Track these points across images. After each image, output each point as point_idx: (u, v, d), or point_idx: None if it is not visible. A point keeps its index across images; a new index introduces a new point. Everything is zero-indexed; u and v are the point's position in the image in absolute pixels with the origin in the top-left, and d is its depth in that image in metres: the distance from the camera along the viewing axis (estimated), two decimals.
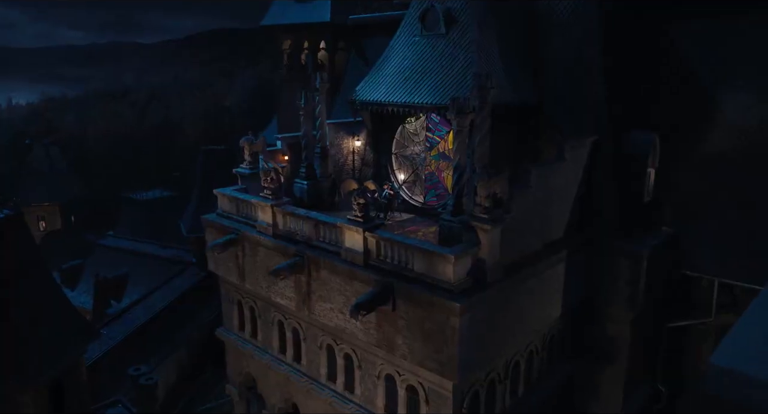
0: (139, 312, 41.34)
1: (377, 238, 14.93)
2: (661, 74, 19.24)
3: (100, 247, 59.13)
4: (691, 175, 18.71)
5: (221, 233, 19.63)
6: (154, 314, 40.09)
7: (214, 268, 20.87)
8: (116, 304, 51.45)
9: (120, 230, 64.95)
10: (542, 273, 15.80)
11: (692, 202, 18.56)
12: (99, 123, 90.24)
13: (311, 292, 16.82)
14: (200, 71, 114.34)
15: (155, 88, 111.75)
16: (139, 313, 40.92)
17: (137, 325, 38.44)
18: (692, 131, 18.85)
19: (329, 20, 36.35)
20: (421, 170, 21.42)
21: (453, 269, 13.35)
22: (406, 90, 19.59)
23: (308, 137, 21.18)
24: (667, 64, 19.16)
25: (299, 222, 17.40)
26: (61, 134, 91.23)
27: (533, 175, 15.42)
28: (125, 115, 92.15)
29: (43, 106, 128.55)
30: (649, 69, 19.24)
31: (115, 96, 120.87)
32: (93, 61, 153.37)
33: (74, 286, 56.63)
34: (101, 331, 35.92)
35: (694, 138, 18.81)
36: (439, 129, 20.37)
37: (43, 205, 60.90)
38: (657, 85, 19.14)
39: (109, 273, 54.61)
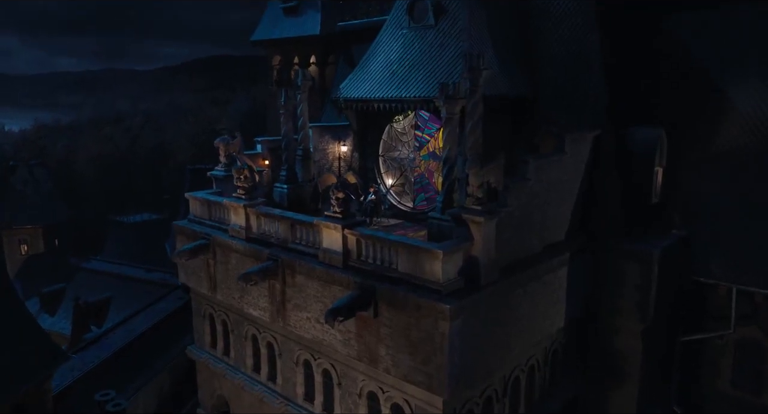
0: (118, 336, 39.10)
1: (358, 235, 13.32)
2: (664, 67, 17.96)
3: (84, 270, 57.11)
4: (701, 174, 17.23)
5: (192, 239, 17.99)
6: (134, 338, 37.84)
7: (185, 279, 19.15)
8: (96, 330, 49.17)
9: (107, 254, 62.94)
10: (543, 277, 14.15)
11: (703, 202, 17.03)
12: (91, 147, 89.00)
13: (286, 300, 15.10)
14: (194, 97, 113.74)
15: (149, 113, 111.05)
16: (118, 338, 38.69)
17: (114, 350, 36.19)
18: (701, 127, 17.46)
19: (319, 33, 35.43)
20: (410, 172, 19.92)
21: (442, 267, 11.71)
22: (394, 84, 18.24)
23: (288, 138, 19.70)
24: (669, 57, 17.90)
25: (274, 223, 15.80)
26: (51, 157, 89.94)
27: (531, 167, 13.91)
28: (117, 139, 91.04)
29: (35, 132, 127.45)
30: (651, 62, 17.97)
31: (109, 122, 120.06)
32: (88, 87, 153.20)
33: (54, 311, 54.37)
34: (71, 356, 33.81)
35: (703, 134, 17.40)
36: (429, 126, 18.95)
37: (25, 228, 58.86)
38: (660, 78, 17.85)
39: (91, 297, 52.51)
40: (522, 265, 13.73)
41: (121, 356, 36.02)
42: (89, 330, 48.42)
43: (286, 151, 19.72)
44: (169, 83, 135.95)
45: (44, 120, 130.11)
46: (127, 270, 55.34)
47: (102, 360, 35.53)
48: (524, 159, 13.86)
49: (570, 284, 15.20)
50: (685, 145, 17.34)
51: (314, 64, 36.63)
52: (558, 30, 17.92)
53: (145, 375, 35.93)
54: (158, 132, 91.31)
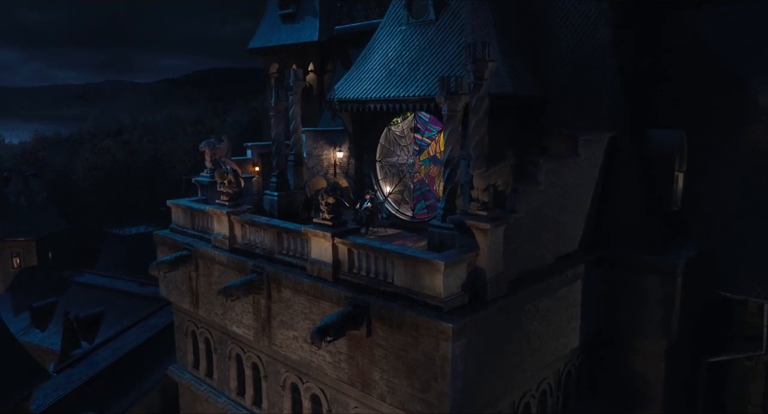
0: (107, 353, 37.61)
1: (349, 245, 11.94)
2: (683, 65, 16.67)
3: (76, 284, 55.64)
4: (725, 179, 15.86)
5: (173, 250, 16.64)
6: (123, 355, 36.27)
7: (166, 294, 17.76)
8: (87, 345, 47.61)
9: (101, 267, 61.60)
10: (556, 291, 12.72)
11: (728, 210, 15.64)
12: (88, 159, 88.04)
13: (272, 317, 13.69)
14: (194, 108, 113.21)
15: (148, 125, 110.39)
16: (107, 354, 37.18)
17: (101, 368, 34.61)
18: (724, 129, 16.13)
19: (317, 40, 34.50)
20: (409, 179, 18.58)
21: (443, 281, 10.31)
22: (391, 84, 16.98)
23: (279, 142, 18.41)
24: (688, 54, 16.62)
25: (260, 232, 14.44)
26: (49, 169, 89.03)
27: (543, 170, 12.57)
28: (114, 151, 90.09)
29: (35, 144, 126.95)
30: (669, 59, 16.69)
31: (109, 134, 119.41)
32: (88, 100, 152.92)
33: (45, 326, 52.78)
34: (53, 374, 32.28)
35: (727, 136, 16.07)
36: (429, 129, 17.66)
37: (18, 240, 57.58)
38: (678, 77, 16.54)
39: (83, 312, 51.06)
40: (533, 278, 12.33)
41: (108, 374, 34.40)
42: (80, 346, 46.89)
43: (277, 156, 18.42)
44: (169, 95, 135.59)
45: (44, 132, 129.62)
46: (121, 284, 53.91)
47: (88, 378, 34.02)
48: (534, 161, 12.51)
49: (585, 300, 13.76)
50: (707, 148, 15.98)
51: (312, 71, 35.65)
52: (568, 26, 16.67)
53: (134, 394, 34.25)
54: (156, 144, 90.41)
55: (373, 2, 28.18)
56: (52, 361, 49.84)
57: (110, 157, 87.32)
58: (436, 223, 13.26)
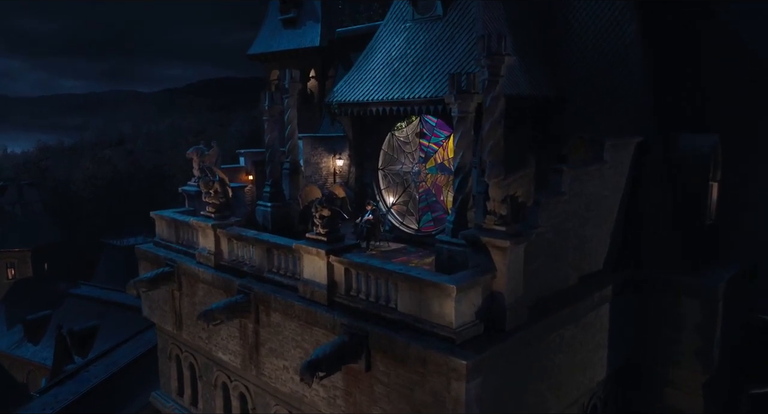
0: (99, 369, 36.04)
1: (347, 264, 10.43)
2: (718, 63, 15.16)
3: (72, 296, 54.18)
4: (764, 189, 14.30)
5: (156, 266, 15.17)
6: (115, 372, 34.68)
7: (149, 313, 16.27)
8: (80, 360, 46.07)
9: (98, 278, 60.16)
10: (582, 318, 11.15)
11: None
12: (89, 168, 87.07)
13: (260, 343, 12.16)
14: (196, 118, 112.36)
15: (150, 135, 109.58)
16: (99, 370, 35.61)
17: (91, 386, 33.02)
18: (762, 133, 14.59)
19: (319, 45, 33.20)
20: (414, 188, 17.09)
21: (455, 308, 8.78)
22: (395, 85, 15.56)
23: (273, 149, 16.99)
24: (724, 51, 15.12)
25: (248, 247, 12.96)
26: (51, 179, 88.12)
27: (566, 178, 11.05)
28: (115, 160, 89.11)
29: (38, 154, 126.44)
30: (703, 57, 15.20)
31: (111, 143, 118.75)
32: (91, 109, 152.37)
33: (38, 340, 51.32)
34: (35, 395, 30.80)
35: (766, 142, 14.53)
36: (436, 134, 16.20)
37: (12, 251, 56.24)
38: (713, 76, 15.04)
39: (77, 325, 49.61)
40: (556, 302, 10.78)
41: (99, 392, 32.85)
42: (72, 361, 45.38)
43: (271, 163, 17.00)
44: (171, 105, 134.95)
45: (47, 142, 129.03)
46: (117, 296, 52.35)
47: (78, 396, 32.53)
48: (557, 168, 11.00)
49: (613, 326, 12.18)
50: (743, 154, 14.44)
51: (314, 77, 34.37)
52: (590, 20, 15.24)
53: None
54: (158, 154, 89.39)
55: (376, 3, 26.93)
56: (44, 376, 48.37)
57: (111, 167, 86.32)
58: (444, 238, 11.78)
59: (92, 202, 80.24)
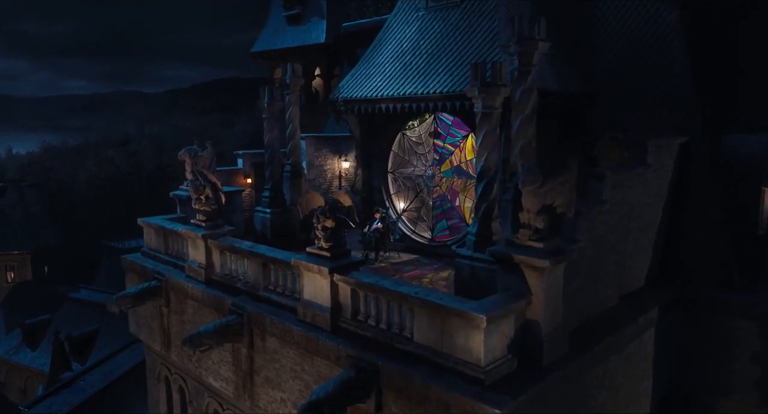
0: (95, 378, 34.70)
1: (353, 284, 8.94)
2: None
3: (71, 300, 52.92)
4: None
5: (143, 279, 13.76)
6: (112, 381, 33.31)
7: (136, 330, 14.86)
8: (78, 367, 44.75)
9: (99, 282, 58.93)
10: (626, 346, 9.62)
11: None
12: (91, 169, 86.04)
13: (254, 371, 10.69)
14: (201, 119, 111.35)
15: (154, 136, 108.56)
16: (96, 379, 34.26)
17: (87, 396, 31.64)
18: None
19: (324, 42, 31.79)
20: (427, 194, 15.60)
21: (484, 342, 7.28)
22: (407, 79, 14.08)
23: (273, 150, 15.58)
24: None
25: (242, 261, 11.50)
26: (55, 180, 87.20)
27: (608, 184, 9.54)
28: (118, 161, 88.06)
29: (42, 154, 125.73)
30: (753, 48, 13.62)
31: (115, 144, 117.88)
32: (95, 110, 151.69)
33: (36, 345, 50.05)
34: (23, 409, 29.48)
35: None
36: (453, 133, 14.70)
37: (12, 254, 55.06)
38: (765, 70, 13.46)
39: (77, 330, 48.30)
40: (596, 328, 9.26)
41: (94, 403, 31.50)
42: (70, 368, 44.07)
43: (270, 166, 15.58)
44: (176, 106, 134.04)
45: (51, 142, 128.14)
46: None
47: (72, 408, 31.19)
48: (598, 173, 9.48)
49: (658, 353, 10.65)
50: None
51: (319, 76, 33.01)
52: (624, 7, 13.70)
53: None
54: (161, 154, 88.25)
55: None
56: (41, 383, 47.10)
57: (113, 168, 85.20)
58: (466, 252, 10.28)
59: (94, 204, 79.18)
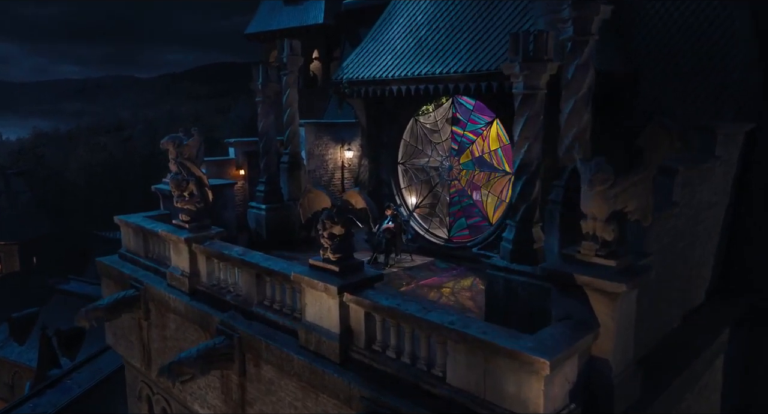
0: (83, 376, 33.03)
1: (369, 306, 7.19)
2: None
3: (61, 293, 51.19)
4: None
5: (120, 287, 12.02)
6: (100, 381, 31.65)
7: (113, 342, 13.16)
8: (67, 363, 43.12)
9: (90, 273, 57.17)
10: (700, 378, 7.92)
11: None
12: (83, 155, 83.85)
13: (246, 402, 8.99)
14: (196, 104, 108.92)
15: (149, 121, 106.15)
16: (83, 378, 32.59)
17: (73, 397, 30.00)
18: None
19: (323, 22, 29.83)
20: (443, 188, 13.83)
21: (544, 391, 5.55)
22: (421, 57, 12.24)
23: (269, 138, 13.78)
24: None
25: (232, 270, 9.75)
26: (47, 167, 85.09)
27: (679, 182, 7.78)
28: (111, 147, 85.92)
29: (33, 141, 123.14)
30: None
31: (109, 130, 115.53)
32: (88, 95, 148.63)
33: (24, 340, 48.36)
34: None
35: None
36: (474, 120, 12.89)
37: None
38: None
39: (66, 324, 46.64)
40: (665, 359, 7.55)
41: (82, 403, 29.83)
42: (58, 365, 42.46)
43: (266, 156, 13.78)
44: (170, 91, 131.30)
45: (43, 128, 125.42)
46: None
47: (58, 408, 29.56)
48: (669, 167, 7.70)
49: (727, 381, 8.97)
50: None
51: (317, 59, 31.10)
52: None
53: None
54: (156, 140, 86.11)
55: None
56: (29, 379, 45.53)
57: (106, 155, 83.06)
58: (500, 262, 8.54)
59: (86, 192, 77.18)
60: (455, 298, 10.53)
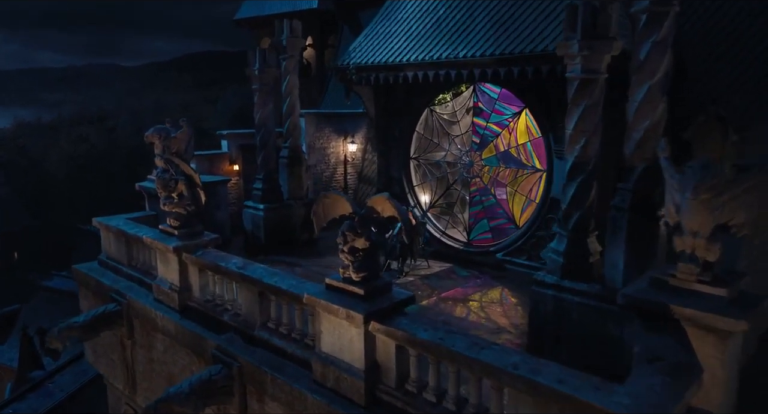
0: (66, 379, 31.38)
1: (402, 338, 5.85)
2: None
3: (44, 289, 49.33)
4: None
5: (100, 299, 10.59)
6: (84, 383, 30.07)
7: (93, 360, 11.73)
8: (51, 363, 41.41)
9: None
10: None
11: None
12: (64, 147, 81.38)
13: None
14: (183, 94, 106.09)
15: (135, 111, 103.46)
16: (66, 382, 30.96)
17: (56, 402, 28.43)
18: None
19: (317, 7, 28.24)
20: (462, 186, 12.50)
21: None
22: (441, 39, 10.84)
23: (267, 129, 12.34)
24: None
25: (230, 285, 8.37)
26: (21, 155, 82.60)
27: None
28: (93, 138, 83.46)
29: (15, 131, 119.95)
30: None
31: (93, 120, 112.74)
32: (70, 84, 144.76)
33: (5, 339, 46.48)
34: None
35: None
36: (499, 110, 11.53)
37: None
38: None
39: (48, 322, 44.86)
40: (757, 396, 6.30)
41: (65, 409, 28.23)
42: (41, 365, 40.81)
43: (264, 150, 12.35)
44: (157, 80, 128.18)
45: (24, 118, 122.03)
46: None
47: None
48: None
49: None
50: None
51: (310, 46, 29.50)
52: None
53: None
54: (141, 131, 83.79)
55: None
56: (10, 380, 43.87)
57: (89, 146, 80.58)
58: (549, 278, 7.24)
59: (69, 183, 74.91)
60: (485, 313, 9.24)
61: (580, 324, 6.98)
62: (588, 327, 6.92)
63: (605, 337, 6.76)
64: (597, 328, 6.81)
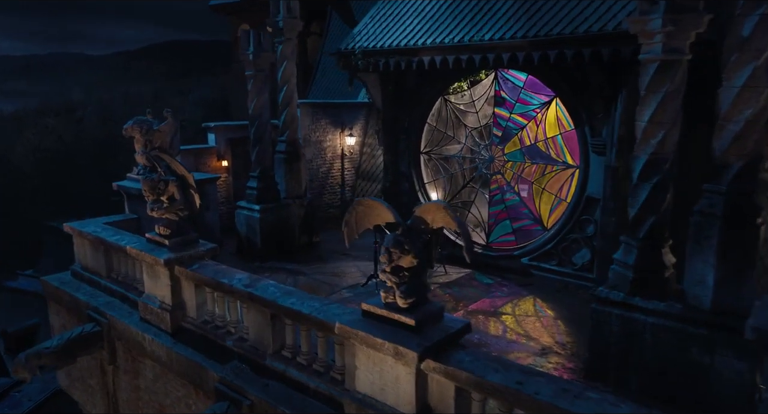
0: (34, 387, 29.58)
1: (467, 382, 4.70)
2: None
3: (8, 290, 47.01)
4: None
5: (75, 318, 9.26)
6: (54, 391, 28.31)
7: (67, 385, 10.35)
8: None
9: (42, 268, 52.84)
10: None
11: None
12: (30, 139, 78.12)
13: None
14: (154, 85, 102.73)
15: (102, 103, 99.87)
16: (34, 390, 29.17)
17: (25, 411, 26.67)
18: None
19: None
20: (480, 183, 11.40)
21: None
22: (459, 20, 9.68)
23: (262, 121, 11.04)
24: None
25: (233, 304, 7.13)
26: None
27: None
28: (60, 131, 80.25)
29: None
30: None
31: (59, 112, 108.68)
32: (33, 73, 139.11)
33: None
34: None
35: None
36: (524, 99, 10.43)
37: None
38: None
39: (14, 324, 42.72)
40: None
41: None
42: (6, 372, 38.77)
43: (259, 144, 11.04)
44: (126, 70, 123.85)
45: None
46: None
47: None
48: None
49: None
50: None
51: None
52: None
53: None
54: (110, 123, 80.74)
55: None
56: None
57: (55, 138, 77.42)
58: (616, 295, 6.19)
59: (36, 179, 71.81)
60: (523, 330, 8.17)
61: (655, 349, 5.96)
62: (667, 353, 5.90)
63: (689, 365, 5.76)
64: (679, 355, 5.80)
